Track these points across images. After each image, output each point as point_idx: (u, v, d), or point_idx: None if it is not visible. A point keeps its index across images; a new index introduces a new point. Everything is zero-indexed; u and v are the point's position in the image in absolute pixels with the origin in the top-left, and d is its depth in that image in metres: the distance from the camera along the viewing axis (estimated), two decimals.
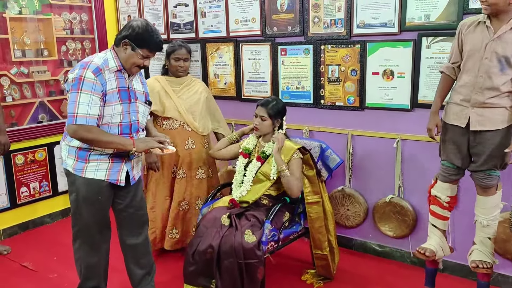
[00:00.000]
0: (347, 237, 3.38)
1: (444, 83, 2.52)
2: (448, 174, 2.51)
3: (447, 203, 2.55)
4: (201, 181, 3.18)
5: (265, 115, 2.72)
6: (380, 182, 3.16)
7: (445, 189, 2.54)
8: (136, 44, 2.15)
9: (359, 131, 3.17)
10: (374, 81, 3.05)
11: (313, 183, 2.76)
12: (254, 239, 2.46)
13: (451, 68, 2.48)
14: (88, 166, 2.24)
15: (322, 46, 3.20)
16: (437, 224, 2.60)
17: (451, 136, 2.45)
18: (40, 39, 3.86)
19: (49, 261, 3.30)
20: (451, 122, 2.44)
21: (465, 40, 2.36)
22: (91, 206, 2.31)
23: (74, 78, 2.11)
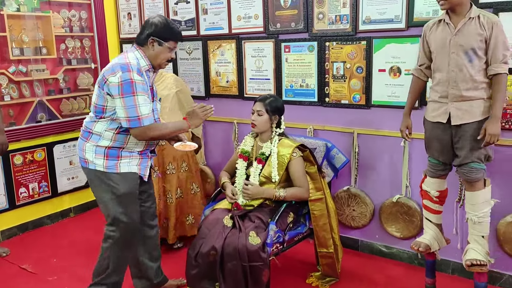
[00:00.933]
0: (352, 238, 3.31)
1: (414, 84, 2.59)
2: (435, 170, 2.52)
3: (436, 198, 2.55)
4: (172, 176, 3.21)
5: (262, 109, 2.65)
6: (386, 182, 3.09)
7: (433, 183, 2.55)
8: (162, 38, 2.23)
9: (365, 130, 3.10)
10: (381, 78, 2.97)
11: (315, 180, 2.70)
12: (259, 241, 2.39)
13: (419, 70, 2.55)
14: (121, 162, 2.29)
15: (327, 42, 3.13)
16: (430, 218, 2.60)
17: (434, 133, 2.46)
18: (39, 37, 3.79)
19: (48, 263, 3.24)
20: (432, 120, 2.45)
21: (430, 41, 2.41)
22: (131, 200, 2.34)
23: (123, 82, 2.13)
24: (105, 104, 2.22)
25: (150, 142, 2.37)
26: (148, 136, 2.23)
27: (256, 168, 2.65)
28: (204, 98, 3.88)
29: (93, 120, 2.28)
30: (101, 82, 2.21)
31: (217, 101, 3.82)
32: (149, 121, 2.19)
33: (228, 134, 3.79)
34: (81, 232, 3.73)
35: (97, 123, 2.27)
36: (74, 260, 3.27)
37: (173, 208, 3.25)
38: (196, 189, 3.37)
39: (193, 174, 3.36)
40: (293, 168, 2.61)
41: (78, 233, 3.72)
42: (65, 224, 3.96)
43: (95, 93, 2.27)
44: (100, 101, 2.23)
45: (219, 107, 3.80)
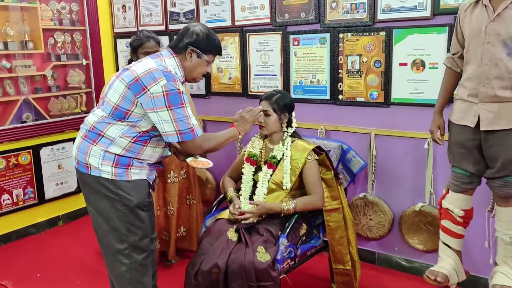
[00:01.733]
0: (369, 250, 3.00)
1: (447, 77, 2.25)
2: (460, 182, 2.18)
3: (461, 218, 2.19)
4: (172, 185, 2.93)
5: (269, 109, 2.35)
6: (408, 188, 2.79)
7: (457, 200, 2.19)
8: (202, 50, 1.99)
9: (384, 130, 2.80)
10: (402, 73, 2.68)
11: (331, 187, 2.40)
12: (268, 257, 2.08)
13: (451, 59, 2.20)
14: (131, 171, 1.99)
15: (341, 34, 2.83)
16: (450, 243, 2.25)
17: (459, 138, 2.13)
18: (25, 30, 3.49)
19: (31, 279, 2.92)
20: (458, 122, 2.12)
21: (464, 25, 2.09)
22: (143, 212, 2.04)
23: (169, 92, 1.85)
24: (132, 109, 1.90)
25: (164, 154, 2.09)
26: (203, 148, 2.01)
27: (265, 173, 2.34)
28: (204, 97, 3.58)
29: (107, 122, 1.93)
30: (134, 86, 1.88)
31: (219, 99, 3.52)
32: (200, 132, 1.98)
33: None
34: (71, 243, 3.42)
35: (112, 126, 1.93)
36: (61, 275, 2.96)
37: (174, 221, 2.95)
38: (192, 199, 3.07)
39: (191, 183, 3.06)
40: (307, 173, 2.30)
41: (67, 244, 3.41)
42: (52, 234, 3.64)
43: (116, 92, 1.92)
44: (126, 105, 1.90)
45: (221, 106, 3.51)
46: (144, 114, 1.91)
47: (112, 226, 1.99)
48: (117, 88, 1.93)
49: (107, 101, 1.95)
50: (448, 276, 2.18)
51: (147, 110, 1.88)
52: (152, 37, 2.74)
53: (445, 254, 2.27)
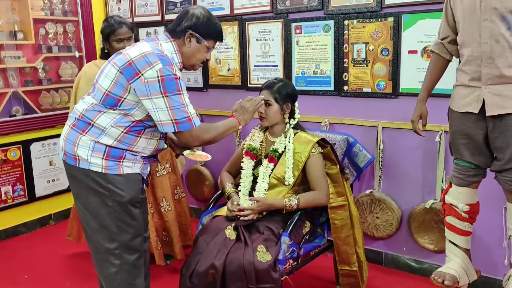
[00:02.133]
0: (375, 251, 2.84)
1: (433, 64, 2.11)
2: (463, 175, 2.03)
3: (466, 213, 2.04)
4: (163, 179, 2.74)
5: (271, 98, 2.19)
6: (417, 184, 2.63)
7: (461, 194, 2.05)
8: (202, 35, 1.85)
9: (392, 123, 2.64)
10: (411, 61, 2.52)
11: (337, 183, 2.25)
12: (269, 257, 1.92)
13: (440, 45, 2.06)
14: (123, 164, 1.83)
15: (346, 21, 2.67)
16: (457, 241, 2.10)
17: (462, 127, 1.98)
18: (14, 19, 3.35)
19: (19, 281, 2.75)
20: (460, 109, 1.97)
21: (455, 6, 1.96)
22: (135, 209, 1.88)
23: (165, 77, 1.70)
24: (124, 96, 1.74)
25: (159, 146, 1.93)
26: (201, 139, 1.86)
27: (266, 167, 2.18)
28: (202, 90, 3.42)
29: (97, 110, 1.78)
30: (126, 70, 1.73)
31: (217, 92, 3.36)
32: (198, 121, 1.82)
33: None
34: (62, 243, 3.24)
35: (103, 115, 1.77)
36: (50, 277, 2.80)
37: (172, 216, 2.76)
38: (181, 194, 2.89)
39: (177, 176, 2.89)
40: (311, 168, 2.14)
41: (58, 244, 3.24)
42: (43, 233, 3.49)
43: (108, 77, 1.77)
44: (118, 91, 1.74)
45: (219, 100, 3.36)
46: (137, 102, 1.75)
47: (102, 224, 1.83)
48: (109, 73, 1.77)
49: (98, 87, 1.80)
50: (457, 277, 2.04)
51: (141, 97, 1.72)
52: (124, 23, 2.57)
53: (452, 254, 2.12)
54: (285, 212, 2.09)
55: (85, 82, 2.57)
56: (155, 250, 2.69)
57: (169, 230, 2.76)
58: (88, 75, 2.56)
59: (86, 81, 2.55)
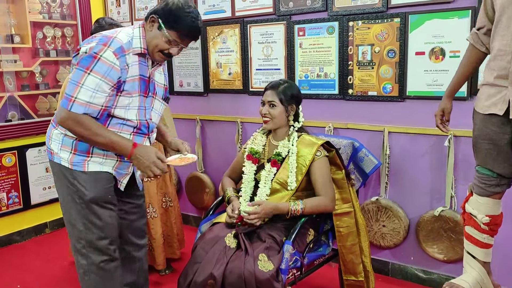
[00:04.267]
0: (381, 260, 2.73)
1: (467, 55, 1.94)
2: (485, 185, 1.87)
3: (485, 225, 1.88)
4: (150, 184, 2.64)
5: (275, 100, 2.08)
6: (426, 191, 2.53)
7: (483, 205, 1.89)
8: (164, 22, 1.71)
9: (399, 127, 2.54)
10: (419, 63, 2.43)
11: (342, 188, 2.15)
12: (271, 266, 1.81)
13: (475, 35, 1.88)
14: (90, 160, 1.78)
15: (351, 22, 2.59)
16: (475, 253, 1.94)
17: (486, 130, 1.83)
18: (11, 22, 3.28)
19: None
20: (485, 111, 1.81)
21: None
22: (102, 209, 1.80)
23: (87, 53, 1.64)
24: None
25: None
26: (70, 127, 1.69)
27: (268, 172, 2.08)
28: (202, 94, 3.34)
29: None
30: (75, 53, 1.75)
31: (218, 97, 3.28)
32: (82, 109, 1.65)
33: (230, 136, 3.23)
34: (57, 253, 3.15)
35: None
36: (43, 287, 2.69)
37: (158, 224, 2.66)
38: (169, 202, 2.77)
39: (166, 182, 2.76)
40: (316, 172, 2.04)
41: (54, 253, 3.14)
42: (38, 242, 3.38)
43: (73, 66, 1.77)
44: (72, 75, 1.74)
45: (220, 104, 3.27)
46: None
47: (71, 221, 1.83)
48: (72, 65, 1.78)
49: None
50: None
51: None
52: (115, 24, 2.49)
53: (469, 265, 1.98)
54: (289, 216, 1.99)
55: None
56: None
57: (153, 238, 2.65)
58: None
59: None
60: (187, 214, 3.60)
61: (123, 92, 1.73)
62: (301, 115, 2.17)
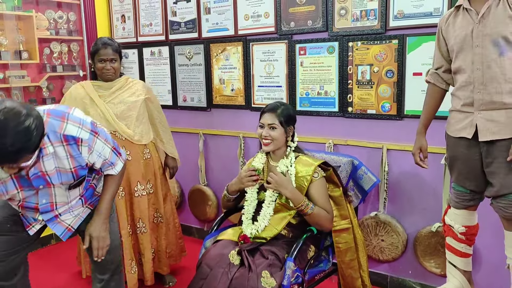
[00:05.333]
0: (380, 274, 2.79)
1: (430, 95, 2.13)
2: (459, 199, 2.05)
3: (462, 235, 2.04)
4: (141, 199, 2.66)
5: (276, 122, 2.15)
6: (423, 207, 2.59)
7: (459, 216, 2.06)
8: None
9: (397, 145, 2.62)
10: (416, 83, 2.51)
11: (340, 205, 2.22)
12: (274, 283, 1.88)
13: (435, 75, 2.08)
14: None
15: (350, 43, 2.67)
16: (455, 263, 2.09)
17: (457, 152, 2.00)
18: (19, 39, 3.36)
19: None
20: (455, 134, 1.98)
21: (447, 36, 2.00)
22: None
23: None
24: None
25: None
26: None
27: (272, 194, 2.14)
28: (205, 109, 3.41)
29: None
30: None
31: (220, 112, 3.35)
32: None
33: (233, 150, 3.31)
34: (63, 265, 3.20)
35: None
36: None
37: (147, 240, 2.69)
38: (160, 218, 2.78)
39: (159, 199, 2.77)
40: (315, 192, 2.11)
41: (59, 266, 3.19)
42: (44, 254, 3.43)
43: None
44: None
45: (223, 120, 3.35)
46: None
47: None
48: None
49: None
50: None
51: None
52: (109, 44, 2.58)
53: (451, 275, 2.12)
54: (297, 208, 2.04)
55: (69, 102, 2.59)
56: (128, 274, 2.61)
57: (142, 254, 2.69)
58: (73, 95, 2.61)
59: (70, 101, 2.59)
60: (189, 226, 3.67)
61: None
62: (296, 136, 2.22)
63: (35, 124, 1.46)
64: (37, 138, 1.49)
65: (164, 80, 3.60)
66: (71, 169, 1.74)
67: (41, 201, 1.78)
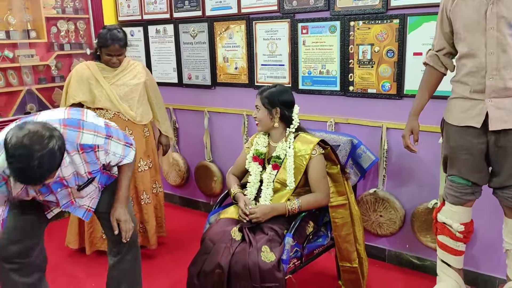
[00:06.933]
0: (378, 247, 2.90)
1: (427, 77, 2.04)
2: (460, 193, 1.97)
3: (461, 233, 1.98)
4: (144, 174, 2.92)
5: (259, 103, 2.23)
6: (421, 184, 2.67)
7: (457, 214, 1.98)
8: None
9: (396, 124, 2.67)
10: (416, 63, 2.53)
11: (338, 182, 2.30)
12: (273, 257, 1.99)
13: (435, 58, 1.99)
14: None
15: (352, 22, 2.69)
16: (450, 262, 2.04)
17: (462, 141, 1.91)
18: (27, 18, 3.42)
19: None
20: (460, 123, 1.90)
21: (454, 17, 1.89)
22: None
23: None
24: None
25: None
26: None
27: (270, 174, 2.23)
28: (210, 87, 3.47)
29: None
30: None
31: (225, 90, 3.41)
32: None
33: (237, 128, 3.39)
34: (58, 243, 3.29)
35: None
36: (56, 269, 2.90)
37: (150, 209, 2.97)
38: (159, 188, 3.07)
39: (157, 172, 3.06)
40: (312, 170, 2.19)
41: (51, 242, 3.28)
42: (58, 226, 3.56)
43: None
44: None
45: (227, 97, 3.41)
46: None
47: None
48: None
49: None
50: None
51: None
52: (118, 40, 2.63)
53: (444, 274, 2.06)
54: (287, 216, 2.15)
55: (75, 80, 2.70)
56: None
57: (146, 222, 2.95)
58: (79, 74, 2.70)
59: (76, 79, 2.69)
60: (196, 200, 3.80)
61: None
62: (295, 118, 2.26)
63: (58, 145, 1.54)
64: (61, 158, 1.57)
65: (169, 58, 3.65)
66: (85, 173, 1.84)
67: (61, 202, 1.90)
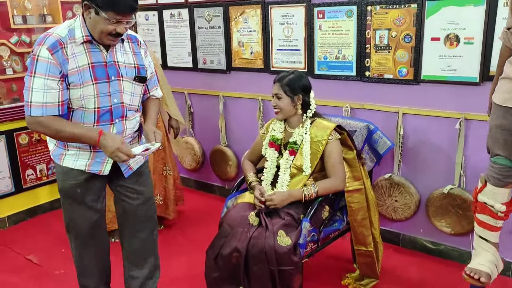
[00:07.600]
0: (393, 232, 2.93)
1: (501, 54, 1.97)
2: (502, 176, 1.93)
3: (502, 212, 1.97)
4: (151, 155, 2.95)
5: (281, 92, 2.22)
6: (436, 170, 2.67)
7: (498, 195, 1.96)
8: (99, 6, 1.71)
9: (413, 109, 2.67)
10: (434, 48, 2.52)
11: (354, 167, 2.32)
12: (289, 241, 2.03)
13: (505, 34, 1.92)
14: (67, 154, 1.91)
15: (369, 6, 2.67)
16: (488, 237, 2.03)
17: (503, 121, 1.88)
18: (43, 3, 3.44)
19: (56, 254, 2.95)
20: (504, 103, 1.87)
21: None
22: (70, 199, 1.99)
23: (29, 57, 1.75)
24: None
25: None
26: (36, 130, 1.83)
27: (287, 160, 2.25)
28: (225, 72, 3.48)
29: None
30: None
31: (240, 75, 3.42)
32: (40, 111, 1.72)
33: (252, 112, 3.40)
34: None
35: None
36: None
37: (171, 180, 3.14)
38: (168, 170, 3.15)
39: (167, 155, 3.13)
40: (329, 155, 2.21)
41: None
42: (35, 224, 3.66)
43: None
44: None
45: (242, 82, 3.42)
46: None
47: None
48: None
49: None
50: (490, 275, 2.00)
51: None
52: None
53: (482, 249, 2.07)
54: (304, 201, 2.18)
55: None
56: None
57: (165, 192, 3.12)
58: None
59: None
60: (211, 184, 3.84)
61: (70, 85, 1.76)
62: (313, 103, 2.28)
63: None
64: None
65: (184, 42, 3.66)
66: (134, 65, 1.94)
67: (112, 100, 1.86)
